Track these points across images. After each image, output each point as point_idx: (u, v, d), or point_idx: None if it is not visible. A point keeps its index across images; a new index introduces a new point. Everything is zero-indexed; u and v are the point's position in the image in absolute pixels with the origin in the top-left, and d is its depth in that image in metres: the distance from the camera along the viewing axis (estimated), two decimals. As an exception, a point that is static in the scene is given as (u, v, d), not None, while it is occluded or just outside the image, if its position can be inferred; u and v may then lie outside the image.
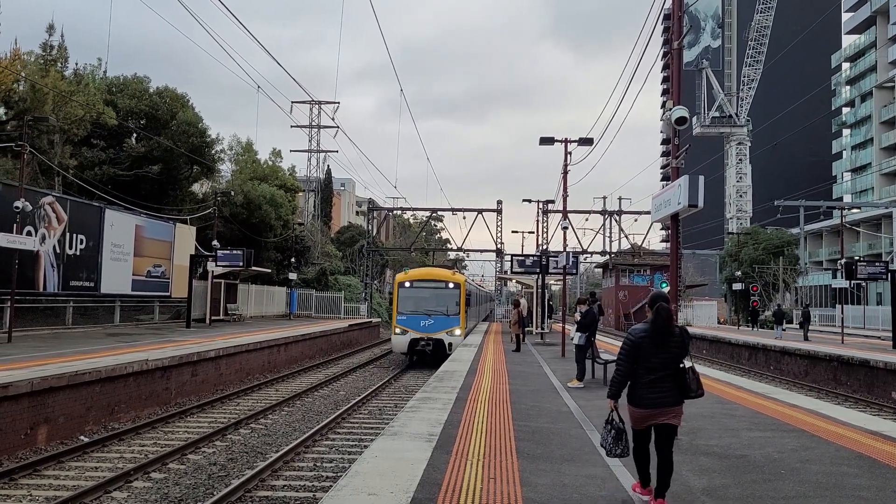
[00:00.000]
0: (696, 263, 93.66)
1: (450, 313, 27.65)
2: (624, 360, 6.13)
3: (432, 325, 27.24)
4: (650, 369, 6.05)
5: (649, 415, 6.12)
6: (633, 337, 6.12)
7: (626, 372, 6.13)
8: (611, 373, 15.54)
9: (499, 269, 59.75)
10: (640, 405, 6.12)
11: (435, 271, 31.13)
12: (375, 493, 6.30)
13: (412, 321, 27.49)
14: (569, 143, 25.93)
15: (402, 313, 27.81)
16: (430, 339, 27.12)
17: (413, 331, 27.29)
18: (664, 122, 10.47)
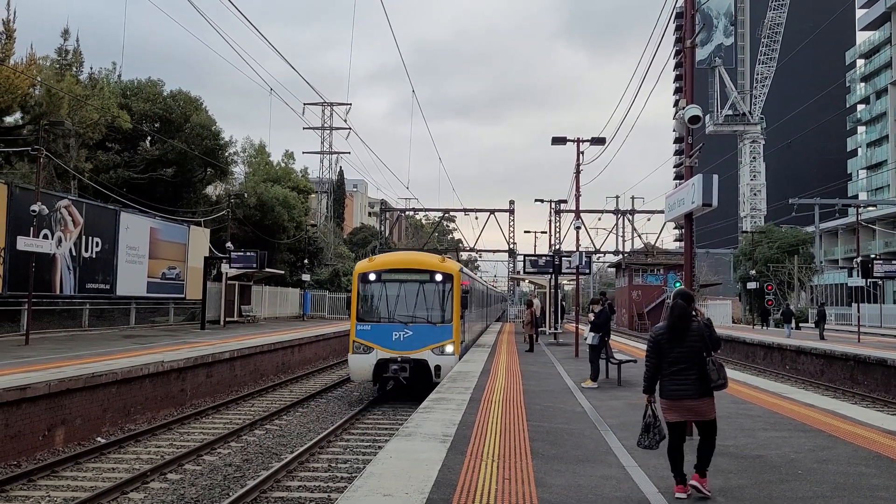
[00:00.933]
0: (710, 262, 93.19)
1: (437, 320, 18.51)
2: (649, 357, 6.72)
3: (410, 339, 18.10)
4: (670, 363, 6.54)
5: (675, 406, 6.54)
6: (654, 334, 6.72)
7: (652, 367, 6.68)
8: (624, 373, 15.57)
9: (511, 270, 59.69)
10: (665, 396, 6.59)
11: (414, 256, 21.53)
12: (390, 494, 6.31)
13: (379, 333, 18.19)
14: (581, 143, 25.86)
15: (365, 320, 18.42)
16: (406, 361, 17.86)
17: (381, 347, 18.01)
18: (677, 121, 10.42)
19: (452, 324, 18.55)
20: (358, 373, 18.57)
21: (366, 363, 18.06)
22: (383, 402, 18.74)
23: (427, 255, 21.53)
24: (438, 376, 17.27)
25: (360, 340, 18.25)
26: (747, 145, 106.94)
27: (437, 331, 18.31)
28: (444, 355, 18.15)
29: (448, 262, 19.78)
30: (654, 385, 6.70)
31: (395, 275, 18.84)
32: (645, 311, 60.15)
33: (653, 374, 6.66)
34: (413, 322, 18.33)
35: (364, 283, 18.84)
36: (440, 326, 18.37)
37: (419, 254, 23.60)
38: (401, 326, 18.21)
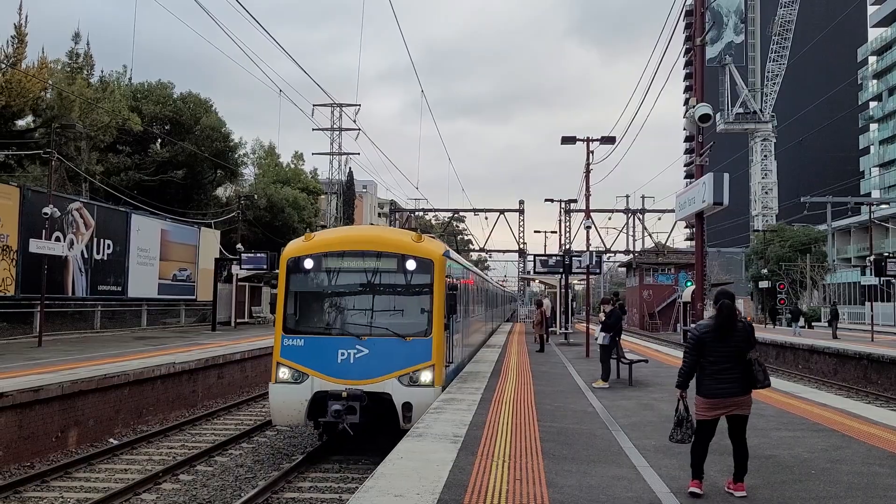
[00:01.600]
0: (722, 262, 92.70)
1: (409, 331, 12.25)
2: (689, 353, 6.67)
3: (365, 362, 11.92)
4: (714, 361, 6.53)
5: (718, 404, 6.57)
6: (698, 332, 6.66)
7: (691, 364, 6.64)
8: (636, 373, 15.51)
9: (521, 270, 59.62)
10: (707, 395, 6.56)
11: (375, 233, 14.77)
12: (401, 495, 6.31)
13: (317, 352, 12.07)
14: (591, 142, 25.81)
15: (296, 331, 12.36)
16: (356, 397, 11.59)
17: (319, 374, 11.90)
18: (688, 120, 10.38)
19: (432, 337, 11.99)
20: (282, 412, 11.92)
21: (295, 398, 11.65)
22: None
23: (395, 232, 15.11)
24: (408, 420, 11.27)
25: (288, 363, 11.84)
26: (758, 143, 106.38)
27: (409, 348, 11.82)
28: (418, 386, 11.70)
29: (427, 243, 12.82)
30: (688, 381, 6.72)
31: (344, 261, 12.54)
32: (656, 311, 59.95)
33: (690, 371, 6.66)
34: (371, 335, 11.90)
35: (296, 274, 12.49)
36: (413, 342, 11.89)
37: (383, 229, 16.55)
38: (351, 342, 11.80)
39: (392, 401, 11.63)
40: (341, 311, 12.54)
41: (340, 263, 12.55)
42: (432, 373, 11.91)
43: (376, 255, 12.45)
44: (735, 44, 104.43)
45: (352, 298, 12.57)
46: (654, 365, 18.96)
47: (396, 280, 12.52)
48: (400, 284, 12.55)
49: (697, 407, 6.66)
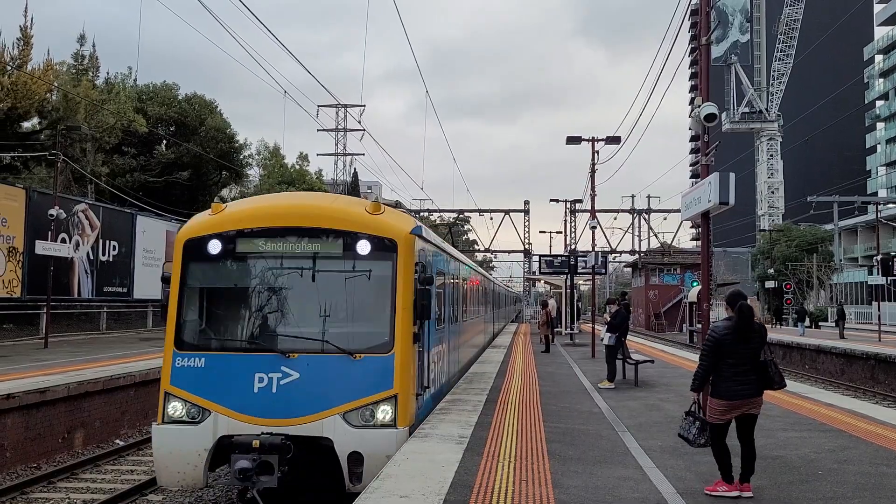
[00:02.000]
0: (728, 262, 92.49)
1: (360, 344, 8.48)
2: (708, 356, 6.60)
3: (292, 391, 8.20)
4: (734, 364, 6.50)
5: (735, 406, 6.55)
6: (717, 334, 6.58)
7: (710, 366, 6.59)
8: (641, 373, 15.47)
9: (527, 270, 59.59)
10: (726, 397, 6.52)
11: (310, 204, 9.87)
12: (407, 496, 6.29)
13: (225, 375, 8.40)
14: (596, 142, 25.74)
15: (194, 347, 8.67)
16: (277, 444, 7.76)
17: (227, 410, 8.19)
18: (693, 119, 10.33)
19: (394, 353, 8.38)
20: (170, 468, 8.30)
21: (189, 447, 8.18)
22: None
23: (342, 201, 10.16)
24: (358, 479, 7.99)
25: (181, 393, 8.43)
26: (764, 143, 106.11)
27: (360, 371, 8.29)
28: (373, 427, 8.22)
29: (389, 216, 9.32)
30: (705, 384, 6.70)
31: (266, 243, 8.83)
32: (662, 311, 59.83)
33: (707, 373, 6.62)
34: (304, 350, 8.36)
35: (195, 264, 8.97)
36: (367, 361, 8.33)
37: (324, 197, 11.64)
38: (274, 361, 8.26)
39: (332, 448, 7.92)
40: (261, 316, 8.69)
41: (261, 246, 8.68)
42: (393, 407, 8.03)
43: (313, 233, 8.64)
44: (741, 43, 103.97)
45: (276, 298, 8.64)
46: (660, 365, 18.91)
47: (343, 270, 8.60)
48: (349, 276, 8.57)
49: (713, 410, 6.61)
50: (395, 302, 8.50)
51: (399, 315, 8.48)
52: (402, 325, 8.47)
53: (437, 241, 12.00)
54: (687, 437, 6.73)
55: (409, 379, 8.49)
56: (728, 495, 6.52)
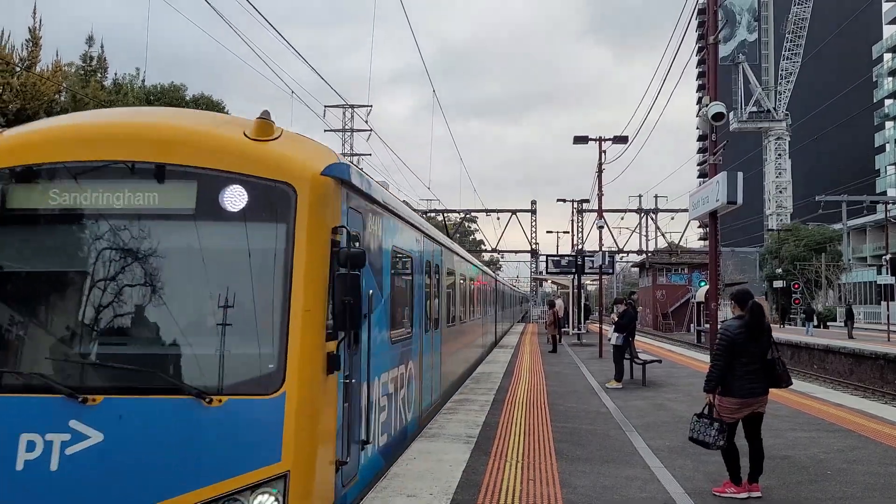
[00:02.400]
0: (736, 261, 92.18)
1: (215, 378, 4.67)
2: (722, 355, 6.55)
3: (94, 473, 4.40)
4: (746, 362, 6.50)
5: (746, 404, 6.54)
6: (731, 332, 6.57)
7: (724, 366, 6.54)
8: (649, 373, 15.44)
9: (534, 270, 59.56)
10: (739, 395, 6.51)
11: (147, 122, 5.51)
12: (415, 495, 6.30)
13: None
14: (603, 142, 25.72)
15: None
16: None
17: None
18: (701, 119, 10.33)
19: (285, 392, 4.66)
20: None
21: None
22: None
23: (204, 120, 6.02)
24: None
25: None
26: (772, 142, 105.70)
27: (218, 428, 4.55)
28: None
29: (286, 145, 5.30)
30: (719, 384, 6.62)
31: (57, 190, 5.00)
32: (669, 311, 59.68)
33: (722, 373, 6.56)
34: (114, 387, 4.68)
35: None
36: (232, 407, 4.60)
37: (172, 113, 7.11)
38: (54, 411, 4.53)
39: None
40: (37, 325, 5.07)
41: (48, 197, 5.03)
42: (282, 496, 4.51)
43: (145, 172, 5.03)
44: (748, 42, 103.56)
45: (69, 293, 5.12)
46: (667, 365, 18.87)
47: (196, 240, 5.05)
48: (207, 252, 5.03)
49: (724, 409, 6.57)
50: (289, 298, 4.82)
51: (298, 323, 4.80)
52: (302, 340, 4.79)
53: (394, 205, 7.71)
54: (704, 440, 6.58)
55: (314, 439, 4.81)
56: (737, 497, 6.50)
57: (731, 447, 6.62)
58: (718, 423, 6.52)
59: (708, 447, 6.62)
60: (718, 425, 6.51)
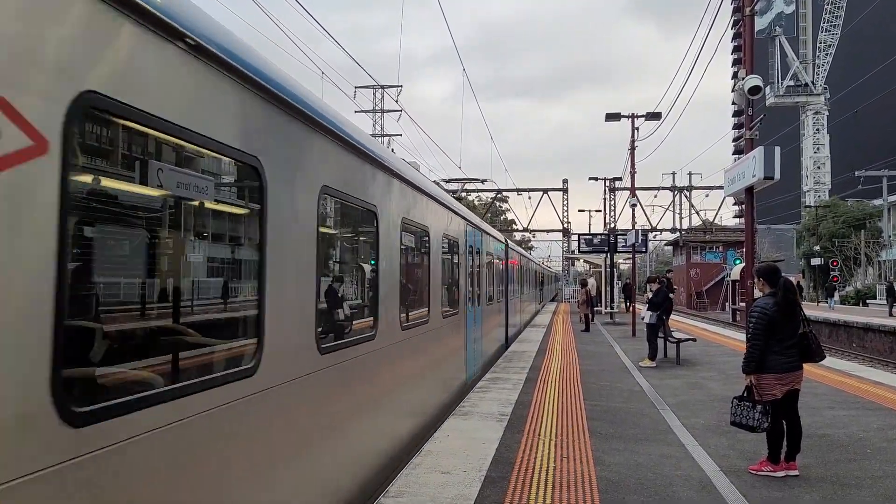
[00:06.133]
0: (772, 239, 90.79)
1: None
2: (762, 334, 6.47)
3: None
4: (782, 338, 6.47)
5: (783, 380, 6.49)
6: (768, 310, 6.51)
7: (763, 345, 6.47)
8: (683, 352, 15.31)
9: (566, 249, 59.26)
10: (777, 371, 6.47)
11: None
12: (448, 472, 6.35)
13: None
14: (636, 119, 25.40)
15: None
16: None
17: None
18: (736, 93, 10.13)
19: None
20: None
21: None
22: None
23: None
24: None
25: None
26: (810, 117, 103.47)
27: None
28: None
29: None
30: (758, 364, 6.51)
31: None
32: (704, 290, 59.06)
33: (762, 352, 6.46)
34: None
35: None
36: None
37: None
38: None
39: None
40: None
41: None
42: None
43: None
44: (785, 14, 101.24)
45: None
46: (702, 344, 18.70)
47: None
48: None
49: (767, 387, 6.48)
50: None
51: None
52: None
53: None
54: (748, 423, 6.49)
55: None
56: (775, 475, 6.44)
57: (776, 427, 6.53)
58: (762, 405, 6.44)
59: (752, 430, 6.53)
60: (762, 408, 6.43)
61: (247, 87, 3.86)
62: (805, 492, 6.05)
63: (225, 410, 3.54)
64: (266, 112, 4.11)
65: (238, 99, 3.78)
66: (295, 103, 4.45)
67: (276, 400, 4.14)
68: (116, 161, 3.30)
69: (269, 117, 4.14)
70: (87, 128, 2.89)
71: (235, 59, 3.67)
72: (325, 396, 5.00)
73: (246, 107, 3.89)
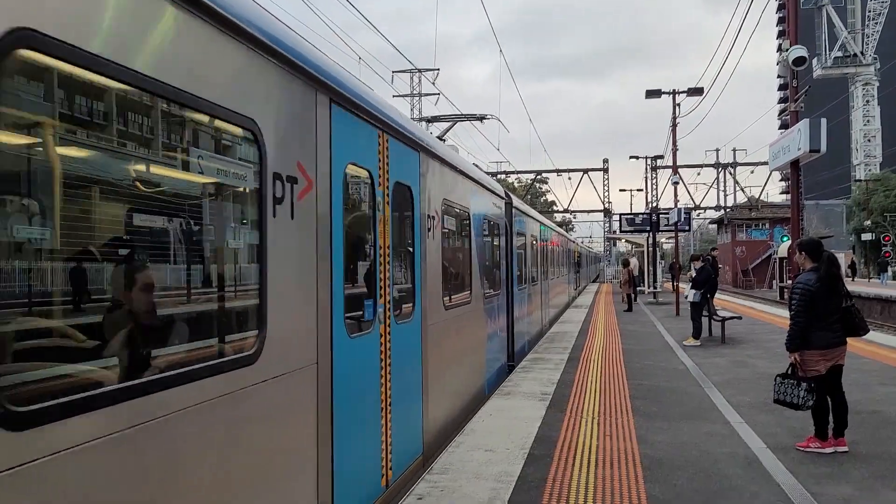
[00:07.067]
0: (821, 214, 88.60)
1: None
2: (804, 311, 6.37)
3: None
4: (825, 315, 6.36)
5: (827, 356, 6.40)
6: (810, 286, 6.39)
7: (806, 322, 6.37)
8: (729, 330, 15.10)
9: (607, 230, 58.72)
10: (821, 347, 6.38)
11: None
12: (491, 450, 6.40)
13: None
14: (677, 95, 24.96)
15: None
16: None
17: None
18: (781, 65, 9.92)
19: None
20: None
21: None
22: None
23: None
24: None
25: None
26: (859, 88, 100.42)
27: None
28: None
29: None
30: (802, 342, 6.43)
31: None
32: (750, 268, 58.03)
33: (804, 330, 6.37)
34: None
35: None
36: None
37: None
38: None
39: None
40: None
41: None
42: None
43: None
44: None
45: None
46: (748, 322, 18.41)
47: None
48: None
49: (811, 362, 6.39)
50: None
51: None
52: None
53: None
54: (792, 401, 6.41)
55: None
56: (823, 451, 6.34)
57: (821, 403, 6.43)
58: (807, 382, 6.34)
59: (797, 408, 6.44)
60: (807, 385, 6.33)
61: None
62: (854, 468, 5.95)
63: None
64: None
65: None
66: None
67: None
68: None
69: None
70: None
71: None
72: None
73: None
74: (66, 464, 2.29)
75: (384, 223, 5.36)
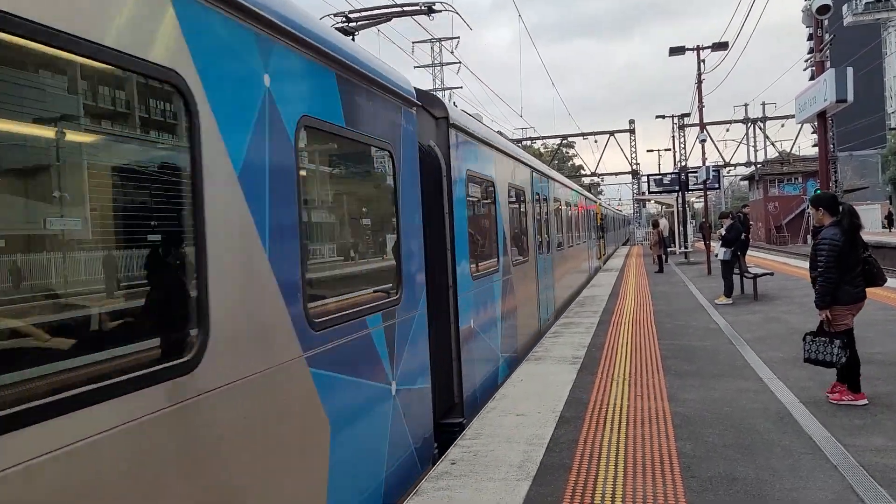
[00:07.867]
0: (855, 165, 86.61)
1: None
2: (833, 267, 6.31)
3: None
4: (849, 268, 6.33)
5: (853, 309, 6.40)
6: (837, 241, 6.31)
7: (837, 278, 6.30)
8: (761, 286, 14.98)
9: (636, 191, 58.15)
10: (849, 301, 6.35)
11: None
12: (524, 414, 6.50)
13: None
14: (702, 51, 24.51)
15: None
16: None
17: None
18: (804, 14, 9.66)
19: None
20: None
21: None
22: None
23: None
24: None
25: None
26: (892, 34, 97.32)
27: None
28: None
29: None
30: (832, 299, 6.36)
31: None
32: (783, 223, 57.14)
33: (834, 286, 6.30)
34: None
35: None
36: None
37: None
38: None
39: None
40: None
41: None
42: None
43: None
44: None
45: None
46: (780, 278, 18.22)
47: None
48: None
49: (840, 317, 6.36)
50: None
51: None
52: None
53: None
54: (826, 358, 6.35)
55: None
56: (857, 403, 6.34)
57: (853, 358, 6.40)
58: (839, 339, 6.28)
59: (830, 366, 6.39)
60: (840, 341, 6.27)
61: None
62: (888, 418, 5.94)
63: None
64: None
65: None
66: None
67: None
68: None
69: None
70: None
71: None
72: None
73: None
74: None
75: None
